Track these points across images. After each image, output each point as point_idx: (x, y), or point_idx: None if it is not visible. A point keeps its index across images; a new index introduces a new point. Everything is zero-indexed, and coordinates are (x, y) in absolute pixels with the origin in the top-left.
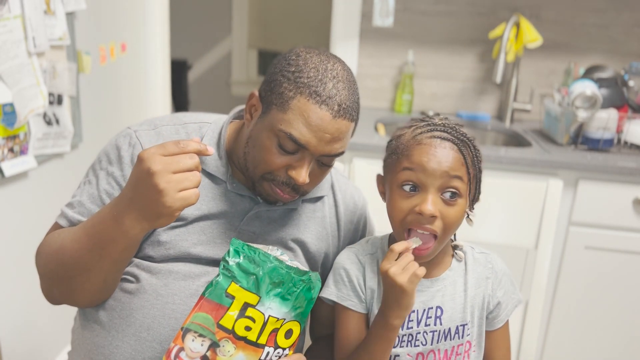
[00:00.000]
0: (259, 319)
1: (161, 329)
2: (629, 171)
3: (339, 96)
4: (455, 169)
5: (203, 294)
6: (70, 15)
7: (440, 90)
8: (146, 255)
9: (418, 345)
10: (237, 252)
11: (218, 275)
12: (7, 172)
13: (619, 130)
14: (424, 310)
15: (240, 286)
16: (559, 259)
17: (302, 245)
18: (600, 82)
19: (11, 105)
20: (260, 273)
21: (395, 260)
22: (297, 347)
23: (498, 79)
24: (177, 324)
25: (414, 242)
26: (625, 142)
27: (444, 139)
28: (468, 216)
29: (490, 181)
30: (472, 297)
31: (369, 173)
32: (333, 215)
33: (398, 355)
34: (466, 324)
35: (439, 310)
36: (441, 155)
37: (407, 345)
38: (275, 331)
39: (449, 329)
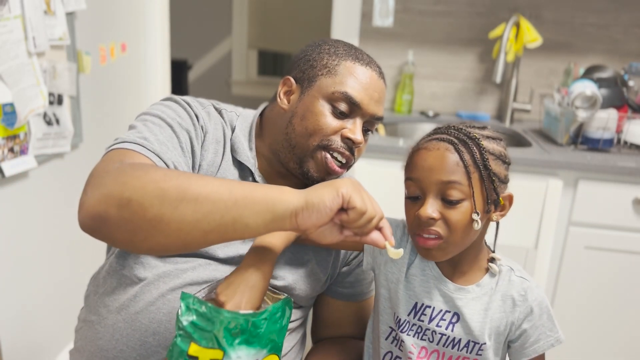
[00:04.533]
0: None
1: (167, 334)
2: (628, 171)
3: (375, 63)
4: (449, 173)
5: (167, 357)
6: (70, 15)
7: (440, 90)
8: None
9: (425, 340)
10: (188, 309)
11: (176, 336)
12: (7, 172)
13: (619, 130)
14: (441, 310)
15: (200, 346)
16: (559, 259)
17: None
18: (600, 82)
19: (11, 105)
20: (216, 328)
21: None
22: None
23: (498, 79)
24: None
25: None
26: (625, 142)
27: (441, 140)
28: (473, 219)
29: None
30: (492, 319)
31: (369, 173)
32: None
33: (403, 342)
34: (478, 343)
35: (455, 317)
36: (434, 160)
37: (414, 336)
38: None
39: (459, 340)
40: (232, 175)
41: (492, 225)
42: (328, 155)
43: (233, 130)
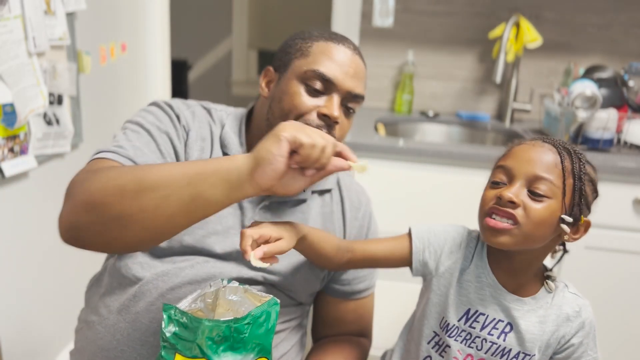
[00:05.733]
0: None
1: None
2: (629, 171)
3: (350, 41)
4: (544, 170)
5: None
6: (70, 15)
7: (440, 90)
8: None
9: (472, 347)
10: (170, 319)
11: (161, 348)
12: (7, 172)
13: (619, 130)
14: (494, 319)
15: (185, 356)
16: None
17: None
18: (600, 82)
19: (11, 105)
20: (199, 338)
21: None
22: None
23: (498, 79)
24: None
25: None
26: (625, 142)
27: (546, 141)
28: (563, 221)
29: None
30: (545, 332)
31: (369, 173)
32: (339, 211)
33: (449, 346)
34: (528, 355)
35: (508, 326)
36: (535, 153)
37: (461, 342)
38: None
39: (510, 350)
40: None
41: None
42: None
43: (223, 127)
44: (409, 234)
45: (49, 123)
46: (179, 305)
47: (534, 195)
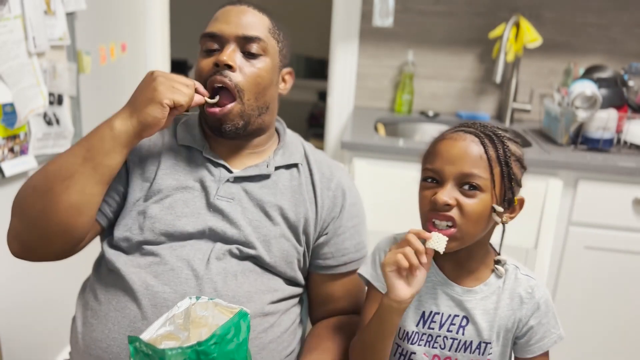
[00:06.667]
0: None
1: (154, 318)
2: (628, 171)
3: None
4: (471, 165)
5: None
6: (70, 16)
7: (440, 90)
8: (133, 233)
9: (436, 348)
10: (136, 351)
11: None
12: (7, 172)
13: (619, 130)
14: (449, 315)
15: None
16: (559, 259)
17: (281, 211)
18: (600, 82)
19: (11, 105)
20: None
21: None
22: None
23: (498, 79)
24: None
25: (435, 241)
26: (625, 142)
27: (467, 132)
28: (495, 211)
29: None
30: (501, 317)
31: (369, 173)
32: (309, 183)
33: (414, 353)
34: (489, 343)
35: (464, 320)
36: (458, 149)
37: (425, 345)
38: None
39: (471, 342)
40: (179, 159)
41: (497, 227)
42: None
43: (179, 121)
44: (373, 286)
45: (49, 123)
46: (144, 333)
47: (466, 191)
